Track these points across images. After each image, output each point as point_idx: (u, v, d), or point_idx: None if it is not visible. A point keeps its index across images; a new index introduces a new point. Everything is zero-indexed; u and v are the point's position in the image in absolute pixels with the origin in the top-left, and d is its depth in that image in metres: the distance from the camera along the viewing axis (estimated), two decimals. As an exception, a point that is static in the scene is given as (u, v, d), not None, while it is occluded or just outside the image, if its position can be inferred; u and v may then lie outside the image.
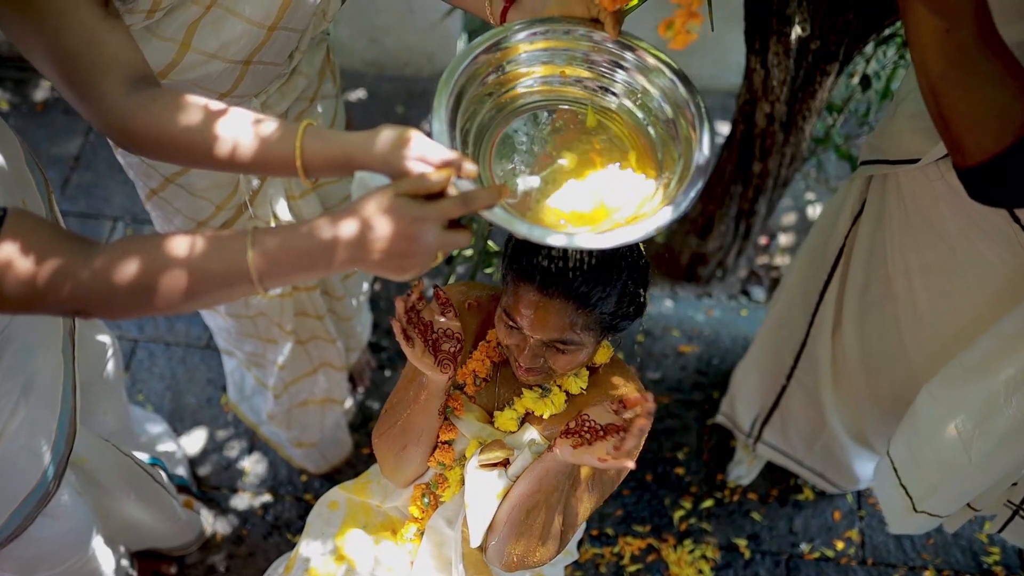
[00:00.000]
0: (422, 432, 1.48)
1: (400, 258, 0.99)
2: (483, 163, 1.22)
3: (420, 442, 1.49)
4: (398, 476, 1.56)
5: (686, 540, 2.49)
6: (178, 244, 0.99)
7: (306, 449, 2.46)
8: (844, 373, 2.10)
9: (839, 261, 1.94)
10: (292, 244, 1.00)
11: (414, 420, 1.47)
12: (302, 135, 1.07)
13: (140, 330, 2.87)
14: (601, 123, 1.28)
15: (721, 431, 2.67)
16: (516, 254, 1.32)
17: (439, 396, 1.43)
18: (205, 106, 1.11)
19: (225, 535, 2.49)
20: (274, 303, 1.96)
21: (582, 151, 1.24)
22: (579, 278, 1.26)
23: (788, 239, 3.15)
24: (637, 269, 1.34)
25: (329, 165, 1.08)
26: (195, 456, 2.63)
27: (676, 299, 2.98)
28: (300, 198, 1.85)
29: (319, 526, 1.73)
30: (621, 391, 1.49)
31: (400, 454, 1.51)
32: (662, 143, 1.25)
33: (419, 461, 1.53)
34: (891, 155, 1.65)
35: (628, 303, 1.34)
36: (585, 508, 1.45)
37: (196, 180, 1.64)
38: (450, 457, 1.54)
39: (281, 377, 2.18)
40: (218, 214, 1.74)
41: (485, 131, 1.25)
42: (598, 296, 1.28)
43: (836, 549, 2.50)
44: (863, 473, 2.39)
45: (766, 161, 2.46)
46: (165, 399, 2.72)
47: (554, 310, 1.27)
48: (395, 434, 1.51)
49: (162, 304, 0.99)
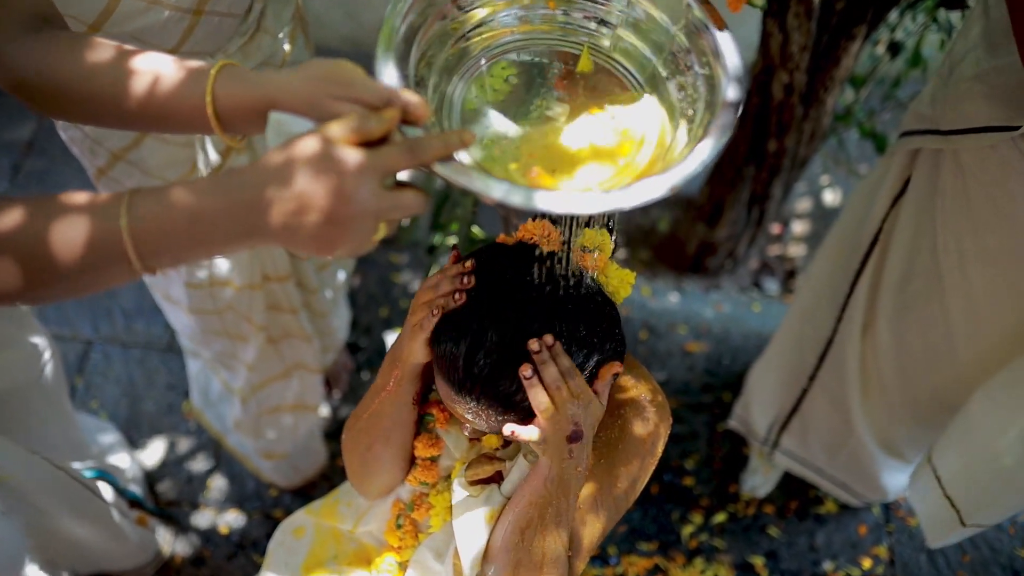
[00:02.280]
0: (391, 427, 1.29)
1: (328, 226, 0.77)
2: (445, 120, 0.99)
3: (389, 441, 1.30)
4: (365, 484, 1.38)
5: (696, 559, 2.35)
6: (30, 207, 0.76)
7: (276, 461, 2.31)
8: (875, 376, 1.94)
9: (873, 249, 1.78)
10: (184, 208, 0.77)
11: (382, 411, 1.28)
12: (216, 76, 0.87)
13: (95, 330, 2.69)
14: (599, 67, 1.05)
15: (734, 437, 2.54)
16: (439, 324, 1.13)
17: (413, 381, 1.25)
18: (110, 47, 0.93)
19: (185, 556, 2.31)
20: (243, 295, 1.82)
21: (576, 102, 1.01)
22: (493, 379, 1.09)
23: (803, 227, 3.01)
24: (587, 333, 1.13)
25: (250, 113, 0.87)
26: (153, 469, 2.45)
27: (682, 293, 2.84)
28: None
29: (282, 556, 1.55)
30: (631, 394, 1.28)
31: (366, 455, 1.33)
32: (678, 88, 1.01)
33: (389, 467, 1.34)
34: (946, 124, 1.47)
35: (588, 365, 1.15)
36: (592, 532, 1.24)
37: (148, 156, 1.49)
38: (433, 476, 1.35)
39: (249, 379, 2.04)
40: None
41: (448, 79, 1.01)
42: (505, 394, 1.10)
43: (862, 567, 2.36)
44: (892, 484, 2.25)
45: (783, 138, 2.30)
46: (121, 406, 2.55)
47: (473, 409, 1.12)
48: (361, 429, 1.33)
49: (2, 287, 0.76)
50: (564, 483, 1.12)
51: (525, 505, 1.17)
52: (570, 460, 1.10)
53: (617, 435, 1.24)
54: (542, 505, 1.14)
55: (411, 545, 1.42)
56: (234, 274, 1.79)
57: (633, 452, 1.23)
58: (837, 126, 2.51)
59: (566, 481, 1.12)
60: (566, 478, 1.12)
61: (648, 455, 1.25)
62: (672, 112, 1.02)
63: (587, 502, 1.22)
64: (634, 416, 1.24)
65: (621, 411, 1.25)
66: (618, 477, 1.23)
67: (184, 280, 1.78)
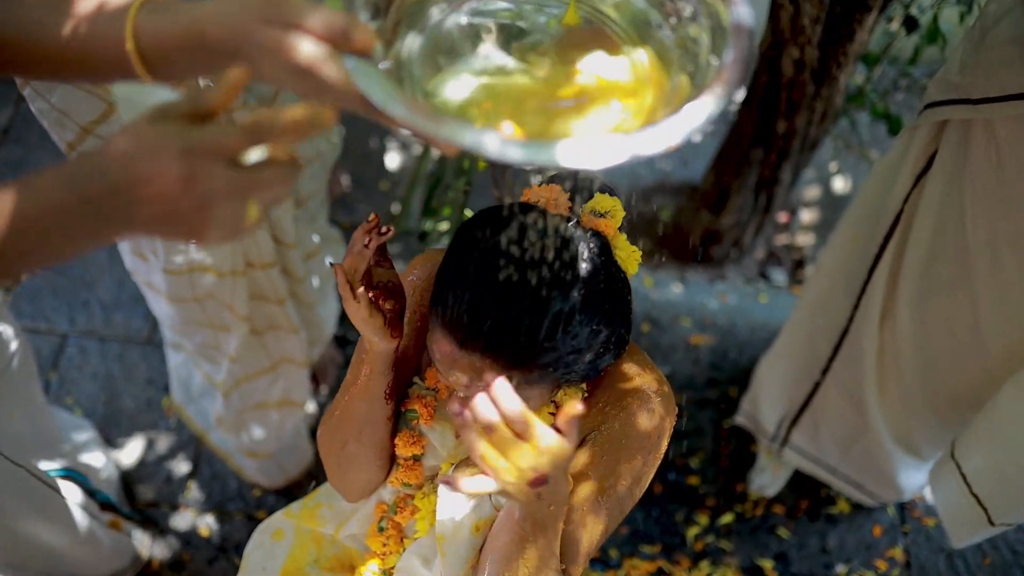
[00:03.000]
0: (364, 424, 1.19)
1: (180, 215, 0.68)
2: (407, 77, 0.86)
3: (363, 439, 1.21)
4: (344, 485, 1.29)
5: (702, 562, 2.27)
6: None
7: (260, 460, 2.22)
8: (893, 367, 1.85)
9: (894, 231, 1.67)
10: (25, 208, 0.68)
11: (354, 407, 1.19)
12: (138, 8, 0.78)
13: (71, 323, 2.59)
14: (587, 20, 0.93)
15: (741, 434, 2.45)
16: (436, 287, 1.03)
17: (383, 374, 1.15)
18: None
19: (163, 560, 2.20)
20: (224, 283, 1.74)
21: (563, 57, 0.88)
22: (501, 325, 0.96)
23: (812, 216, 2.91)
24: (600, 302, 1.01)
25: (178, 51, 0.78)
26: (130, 468, 2.35)
27: (686, 284, 2.74)
28: None
29: (259, 560, 1.46)
30: (635, 384, 1.18)
31: (341, 454, 1.23)
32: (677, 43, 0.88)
33: (366, 466, 1.25)
34: (978, 92, 1.36)
35: (587, 350, 1.03)
36: (592, 534, 1.14)
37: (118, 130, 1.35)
38: (417, 476, 1.25)
39: (232, 372, 1.96)
40: None
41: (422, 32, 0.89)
42: (542, 349, 0.98)
43: (877, 570, 2.27)
44: (908, 483, 2.17)
45: (793, 119, 2.20)
46: (98, 402, 2.45)
47: (475, 367, 1.00)
48: (334, 426, 1.24)
49: None
50: (539, 523, 1.01)
51: (504, 544, 1.06)
52: (540, 502, 0.95)
53: (619, 429, 1.14)
54: (519, 543, 1.04)
55: (396, 551, 1.33)
56: (215, 260, 1.71)
57: (637, 447, 1.13)
58: (849, 107, 2.40)
59: (540, 521, 1.00)
60: (540, 518, 0.99)
61: (653, 450, 1.15)
62: (669, 65, 0.89)
63: (587, 502, 1.12)
64: (638, 408, 1.14)
65: (623, 402, 1.15)
66: (620, 475, 1.12)
67: (162, 266, 1.69)
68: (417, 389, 1.25)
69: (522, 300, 0.95)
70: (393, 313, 1.09)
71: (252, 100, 1.61)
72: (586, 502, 1.12)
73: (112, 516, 2.06)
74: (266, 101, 1.67)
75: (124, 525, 2.11)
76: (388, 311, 1.08)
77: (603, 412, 1.16)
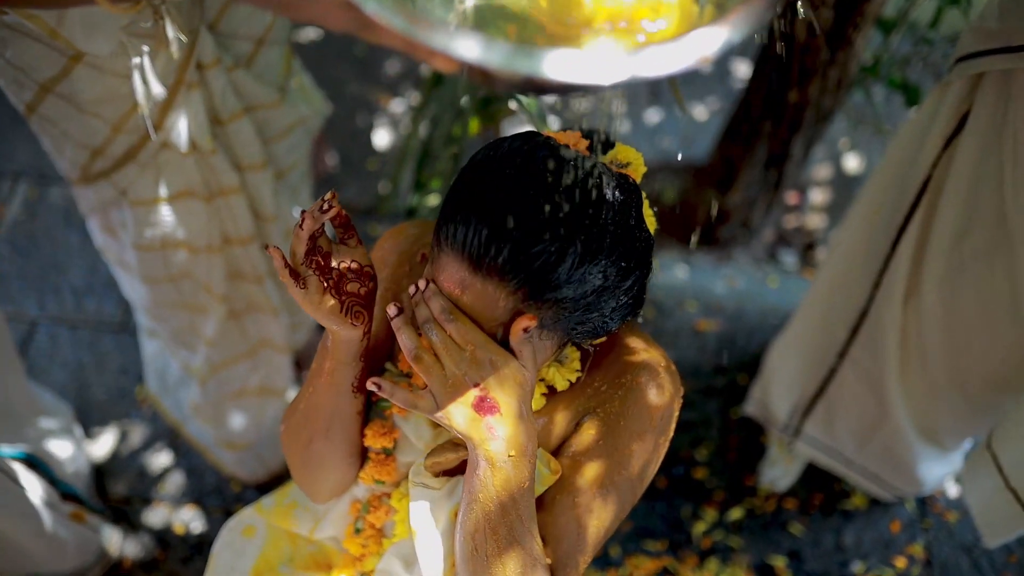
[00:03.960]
0: (331, 420, 1.08)
1: None
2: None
3: (331, 436, 1.09)
4: (310, 486, 1.18)
5: (710, 560, 2.17)
6: None
7: (239, 452, 2.12)
8: (917, 350, 1.77)
9: (921, 200, 1.57)
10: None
11: (319, 401, 1.07)
12: None
13: (40, 307, 2.47)
14: None
15: (750, 425, 2.37)
16: (448, 208, 0.90)
17: (349, 364, 1.03)
18: None
19: (136, 559, 2.08)
20: (199, 260, 1.69)
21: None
22: (532, 244, 0.84)
23: (823, 196, 2.80)
24: (630, 238, 0.90)
25: None
26: (102, 461, 2.23)
27: (691, 267, 2.63)
28: (229, 123, 1.57)
29: (228, 559, 1.35)
30: (642, 357, 1.07)
31: (306, 452, 1.12)
32: None
33: (334, 466, 1.14)
34: (1020, 38, 1.26)
35: (606, 295, 0.91)
36: (600, 521, 1.03)
37: (81, 88, 1.36)
38: (390, 473, 1.14)
39: (209, 358, 1.88)
40: (115, 138, 1.46)
41: None
42: (563, 279, 0.86)
43: (896, 568, 2.16)
44: (929, 475, 2.09)
45: (805, 87, 2.09)
46: (68, 391, 2.33)
47: (488, 297, 0.88)
48: (298, 422, 1.12)
49: None
50: (501, 474, 0.90)
51: (467, 505, 0.96)
52: (495, 441, 0.87)
53: (619, 407, 1.03)
54: (484, 502, 0.93)
55: (376, 552, 1.23)
56: (189, 235, 1.63)
57: (647, 425, 1.03)
58: (863, 78, 2.27)
59: (502, 471, 0.90)
60: (500, 466, 0.89)
61: (663, 430, 1.05)
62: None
63: (594, 484, 1.02)
64: (646, 383, 1.04)
65: (629, 377, 1.04)
66: (629, 455, 1.02)
67: (132, 241, 1.62)
68: (389, 376, 1.14)
69: (551, 221, 0.84)
70: (358, 298, 0.98)
71: (229, 60, 1.52)
72: (594, 484, 1.02)
73: (75, 508, 1.92)
74: (242, 61, 1.56)
75: (90, 519, 1.98)
76: (350, 296, 0.97)
77: (609, 385, 1.05)
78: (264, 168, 1.68)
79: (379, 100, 2.87)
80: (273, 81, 1.67)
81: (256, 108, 1.65)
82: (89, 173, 1.54)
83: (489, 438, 0.87)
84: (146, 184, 1.56)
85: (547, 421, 1.05)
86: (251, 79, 1.60)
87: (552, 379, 1.05)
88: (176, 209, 1.60)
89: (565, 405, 1.05)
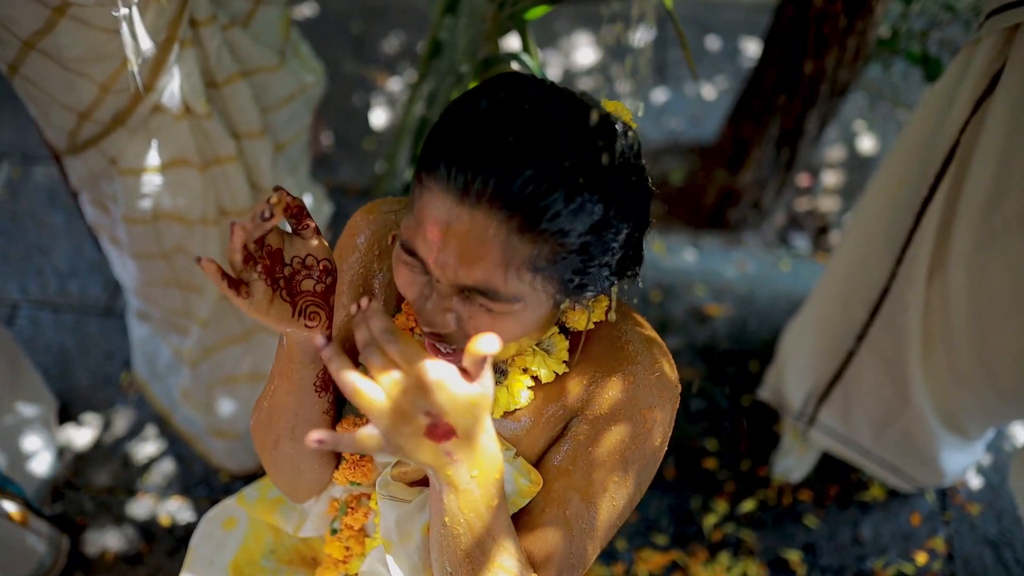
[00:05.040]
0: (295, 420, 1.00)
1: None
2: None
3: (296, 436, 1.01)
4: (285, 486, 1.11)
5: (721, 553, 2.09)
6: None
7: (229, 441, 2.06)
8: (942, 330, 1.71)
9: (947, 168, 1.50)
10: None
11: (281, 401, 0.99)
12: None
13: (22, 290, 2.40)
14: None
15: (762, 413, 2.30)
16: (432, 144, 0.81)
17: (308, 364, 0.95)
18: None
19: (119, 552, 2.00)
20: (194, 234, 1.64)
21: None
22: (527, 170, 0.76)
23: (835, 179, 2.73)
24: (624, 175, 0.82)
25: None
26: (85, 450, 2.15)
27: (700, 249, 2.55)
28: (225, 86, 1.52)
29: (207, 552, 1.27)
30: (634, 348, 0.98)
31: (274, 453, 1.05)
32: None
33: (304, 467, 1.06)
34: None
35: (613, 234, 0.82)
36: (613, 500, 0.95)
37: (65, 44, 1.31)
38: (366, 474, 1.06)
39: (201, 340, 1.84)
40: (103, 100, 1.40)
41: None
42: (557, 208, 0.77)
43: (916, 564, 2.08)
44: (951, 465, 2.02)
45: (822, 58, 2.01)
46: (51, 377, 2.25)
47: (478, 230, 0.78)
48: (263, 421, 1.04)
49: None
50: (466, 495, 0.82)
51: (434, 529, 0.89)
52: (455, 465, 0.78)
53: (610, 406, 0.95)
54: (451, 525, 0.85)
55: (359, 553, 1.16)
56: (183, 206, 1.57)
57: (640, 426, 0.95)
58: (881, 51, 2.18)
59: (466, 493, 0.81)
60: (464, 488, 0.81)
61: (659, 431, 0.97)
62: None
63: (582, 493, 0.94)
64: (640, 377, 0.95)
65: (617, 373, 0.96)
66: (622, 459, 0.96)
67: (123, 213, 1.56)
68: (363, 368, 1.04)
69: (541, 147, 0.76)
70: (314, 296, 0.89)
71: (224, 17, 1.47)
72: (584, 491, 0.94)
73: (18, 509, 1.79)
74: (239, 19, 1.50)
75: (33, 522, 1.84)
76: (304, 295, 0.88)
77: (600, 381, 0.96)
78: (262, 136, 1.61)
79: (375, 79, 2.80)
80: (272, 43, 1.60)
81: (254, 72, 1.58)
82: (77, 141, 1.48)
83: (447, 463, 0.78)
84: (137, 151, 1.49)
85: (531, 423, 0.95)
86: (248, 39, 1.53)
87: (537, 368, 0.97)
88: (168, 178, 1.53)
89: (552, 404, 0.97)
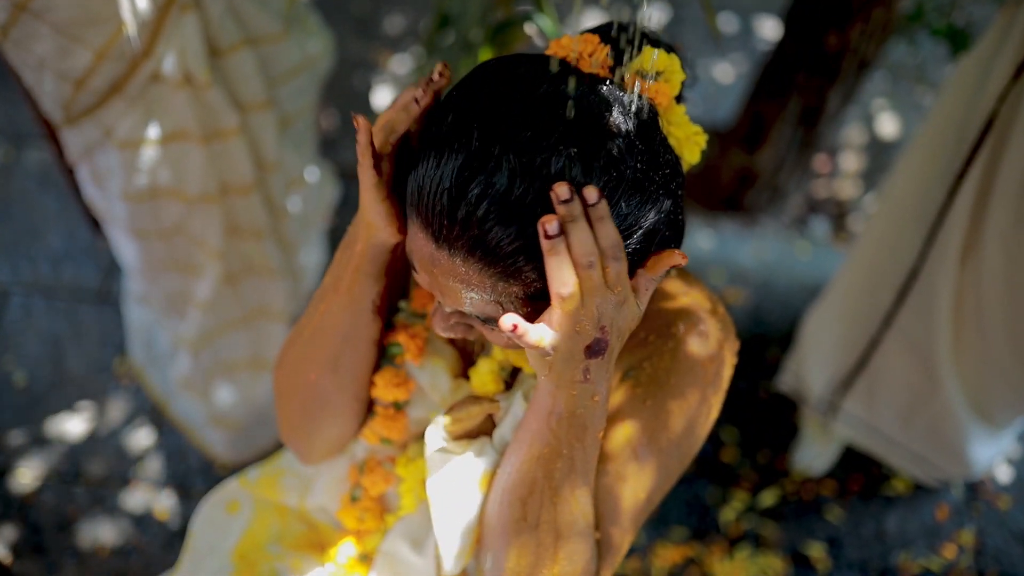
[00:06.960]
0: (343, 347, 0.93)
1: None
2: None
3: (339, 369, 0.94)
4: (306, 438, 1.02)
5: (740, 547, 2.04)
6: None
7: (228, 431, 2.01)
8: (974, 313, 1.66)
9: (984, 141, 1.44)
10: None
11: (332, 321, 0.92)
12: None
13: (14, 275, 2.33)
14: None
15: (782, 403, 2.24)
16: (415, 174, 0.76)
17: (375, 277, 0.88)
18: None
19: (112, 545, 1.94)
20: (195, 212, 1.58)
21: None
22: (486, 212, 0.70)
23: (856, 163, 2.65)
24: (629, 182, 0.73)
25: None
26: (78, 440, 2.08)
27: (716, 233, 2.49)
28: (228, 54, 1.45)
29: (209, 538, 1.20)
30: (682, 303, 0.92)
31: (308, 391, 0.97)
32: None
33: (336, 410, 0.98)
34: None
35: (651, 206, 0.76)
36: (636, 489, 0.90)
37: (57, 4, 1.26)
38: (400, 431, 0.98)
39: (202, 324, 1.79)
40: (99, 67, 1.34)
41: None
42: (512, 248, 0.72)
43: (944, 559, 2.02)
44: (979, 457, 1.96)
45: (846, 30, 1.95)
46: (43, 364, 2.19)
47: (459, 274, 0.75)
48: (300, 355, 0.97)
49: None
50: (577, 421, 0.79)
51: (523, 461, 0.83)
52: (583, 385, 0.75)
53: (668, 363, 0.88)
54: (548, 458, 0.81)
55: (375, 529, 1.08)
56: (183, 182, 1.50)
57: (689, 381, 0.88)
58: (906, 26, 2.10)
59: (579, 418, 0.79)
60: (579, 413, 0.78)
61: (710, 385, 0.90)
62: None
63: (626, 449, 0.88)
64: (687, 333, 0.89)
65: (669, 329, 0.89)
66: (669, 414, 0.88)
67: (121, 188, 1.49)
68: (402, 316, 0.98)
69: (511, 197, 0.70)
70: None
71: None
72: (626, 449, 0.87)
73: None
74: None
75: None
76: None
77: (645, 343, 0.90)
78: (267, 108, 1.54)
79: (379, 59, 2.72)
80: (277, 10, 1.52)
81: (258, 41, 1.51)
82: (73, 111, 1.41)
83: (579, 381, 0.74)
84: (134, 122, 1.42)
85: None
86: (253, 5, 1.46)
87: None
88: (168, 153, 1.46)
89: None
